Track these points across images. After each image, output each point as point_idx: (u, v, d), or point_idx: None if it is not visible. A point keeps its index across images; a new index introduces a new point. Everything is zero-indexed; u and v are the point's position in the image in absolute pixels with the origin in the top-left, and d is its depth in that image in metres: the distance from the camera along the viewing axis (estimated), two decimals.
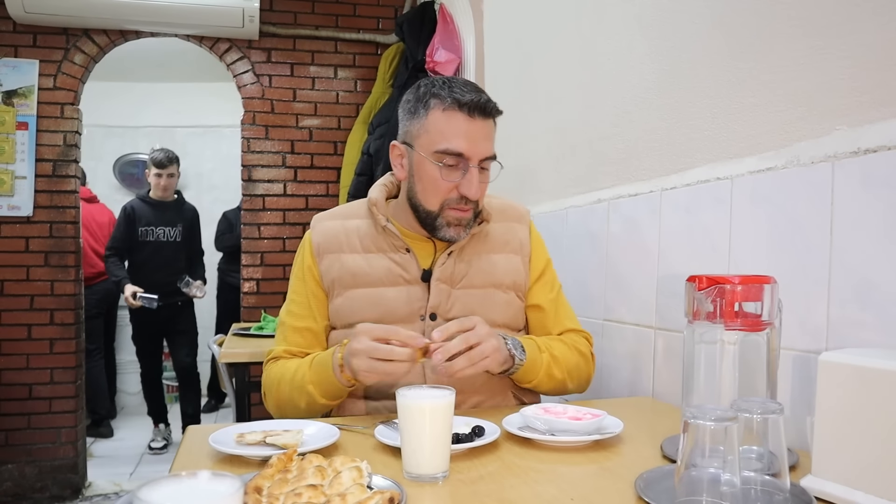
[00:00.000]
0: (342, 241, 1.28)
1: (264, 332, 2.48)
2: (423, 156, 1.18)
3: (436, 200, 1.20)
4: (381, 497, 0.70)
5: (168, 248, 3.92)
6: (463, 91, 1.16)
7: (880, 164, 0.91)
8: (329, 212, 1.36)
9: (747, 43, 1.17)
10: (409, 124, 1.22)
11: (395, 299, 1.23)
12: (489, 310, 1.25)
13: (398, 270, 1.25)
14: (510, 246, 1.32)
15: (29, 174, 3.26)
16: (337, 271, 1.26)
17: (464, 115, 1.15)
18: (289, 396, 1.20)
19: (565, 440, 0.97)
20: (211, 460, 0.91)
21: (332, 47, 3.61)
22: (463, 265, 1.27)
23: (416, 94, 1.21)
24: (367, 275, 1.25)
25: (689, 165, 1.32)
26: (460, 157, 1.16)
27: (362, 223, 1.29)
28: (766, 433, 0.72)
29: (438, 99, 1.16)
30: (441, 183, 1.18)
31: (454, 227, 1.22)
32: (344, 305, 1.25)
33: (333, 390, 1.15)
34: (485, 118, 1.17)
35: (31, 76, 3.25)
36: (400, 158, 1.25)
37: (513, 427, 1.01)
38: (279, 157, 3.55)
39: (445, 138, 1.16)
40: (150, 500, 0.47)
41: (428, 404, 0.82)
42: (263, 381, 1.28)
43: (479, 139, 1.17)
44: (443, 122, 1.16)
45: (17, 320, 3.27)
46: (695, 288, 0.91)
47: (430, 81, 1.20)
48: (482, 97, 1.17)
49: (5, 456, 3.24)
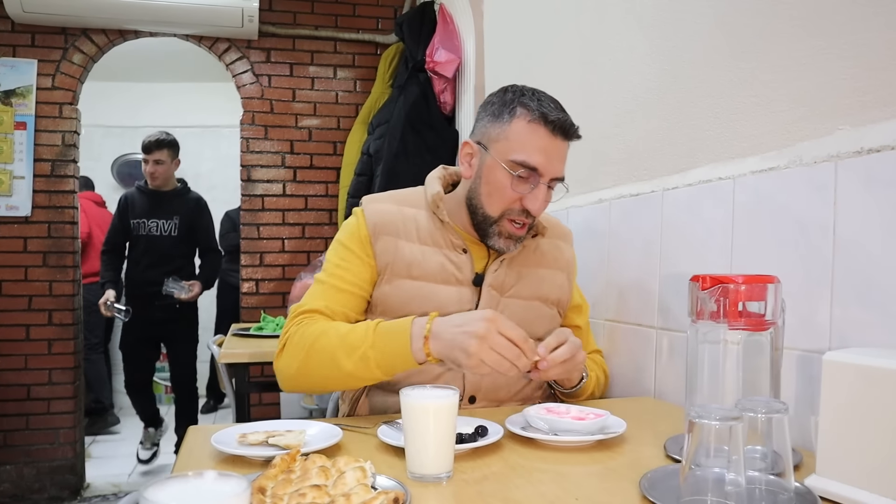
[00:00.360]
0: (399, 227, 1.25)
1: (264, 333, 2.48)
2: (497, 161, 1.17)
3: (498, 208, 1.19)
4: (385, 497, 0.70)
5: (162, 243, 3.46)
6: (551, 107, 1.16)
7: (883, 163, 0.91)
8: (381, 195, 1.33)
9: (749, 42, 1.17)
10: (489, 127, 1.20)
11: (446, 298, 1.22)
12: (533, 322, 1.27)
13: (452, 269, 1.23)
14: (558, 263, 1.35)
15: (27, 174, 3.25)
16: (392, 256, 1.22)
17: (547, 131, 1.15)
18: (330, 357, 1.10)
19: (569, 440, 0.97)
20: (213, 461, 0.91)
21: (331, 47, 3.61)
22: (513, 274, 1.27)
23: (503, 99, 1.19)
24: (421, 268, 1.22)
25: (691, 165, 1.32)
26: (533, 172, 1.15)
27: (420, 214, 1.27)
28: (771, 433, 0.72)
29: (526, 109, 1.15)
30: (508, 192, 1.17)
31: (506, 238, 1.21)
32: (392, 294, 1.22)
33: (396, 361, 1.07)
34: (565, 139, 1.18)
35: (29, 76, 3.25)
36: (469, 157, 1.23)
37: (516, 427, 1.01)
38: (278, 157, 3.55)
39: (524, 150, 1.15)
40: (157, 500, 0.46)
41: (432, 404, 0.82)
42: (289, 336, 1.17)
43: (556, 158, 1.17)
44: (525, 134, 1.15)
45: (16, 321, 3.26)
46: (698, 287, 0.91)
47: (520, 89, 1.19)
48: (568, 118, 1.17)
49: (3, 457, 3.23)
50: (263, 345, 2.26)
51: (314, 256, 3.51)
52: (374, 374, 1.10)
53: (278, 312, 3.42)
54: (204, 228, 3.63)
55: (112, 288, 3.44)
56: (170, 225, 3.49)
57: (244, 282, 3.51)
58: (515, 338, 0.99)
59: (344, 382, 1.13)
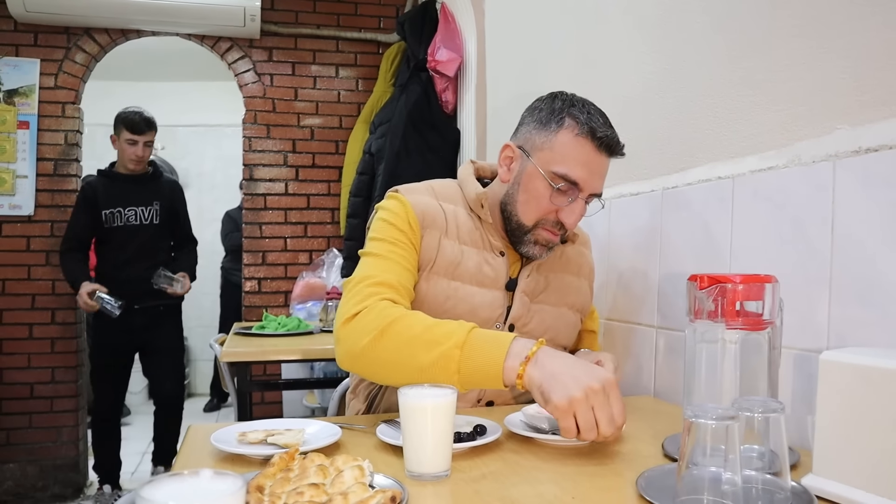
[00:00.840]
0: (442, 223, 1.20)
1: (266, 332, 2.48)
2: (539, 170, 1.14)
3: (533, 216, 1.16)
4: (383, 496, 0.70)
5: (144, 234, 2.98)
6: (600, 122, 1.12)
7: (881, 163, 0.91)
8: (416, 185, 1.26)
9: (748, 42, 1.17)
10: (534, 133, 1.16)
11: (480, 301, 1.19)
12: (560, 329, 1.27)
13: (488, 271, 1.21)
14: (582, 270, 1.34)
15: (30, 173, 3.26)
16: (435, 251, 1.18)
17: (594, 146, 1.11)
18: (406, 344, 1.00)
19: (567, 440, 0.95)
20: (213, 459, 0.91)
21: (333, 46, 3.61)
22: (542, 280, 1.26)
23: (552, 106, 1.15)
24: (460, 267, 1.19)
25: (691, 165, 1.32)
26: (574, 186, 1.12)
27: (459, 211, 1.23)
28: (768, 432, 0.72)
29: (575, 121, 1.12)
30: (546, 203, 1.14)
31: (540, 246, 1.19)
32: (428, 291, 1.17)
33: (480, 372, 0.96)
34: (609, 156, 1.15)
35: (32, 75, 3.26)
36: (509, 161, 1.20)
37: (515, 427, 1.01)
38: (280, 156, 3.56)
39: (567, 163, 1.12)
40: (153, 499, 0.47)
41: (430, 403, 0.83)
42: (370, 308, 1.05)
43: (597, 174, 1.14)
44: (571, 146, 1.12)
45: (19, 319, 3.27)
46: (696, 287, 0.91)
47: (569, 98, 1.16)
48: (615, 136, 1.14)
49: (7, 455, 3.24)
50: (265, 344, 2.27)
51: (316, 255, 3.52)
52: (450, 377, 0.97)
53: (280, 311, 3.43)
54: (184, 214, 3.20)
55: (86, 279, 2.88)
56: (150, 212, 3.00)
57: (246, 281, 3.52)
58: (619, 412, 0.90)
59: (411, 376, 0.98)
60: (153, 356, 3.08)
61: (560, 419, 0.89)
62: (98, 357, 3.04)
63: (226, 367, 2.33)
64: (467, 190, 1.25)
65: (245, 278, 3.53)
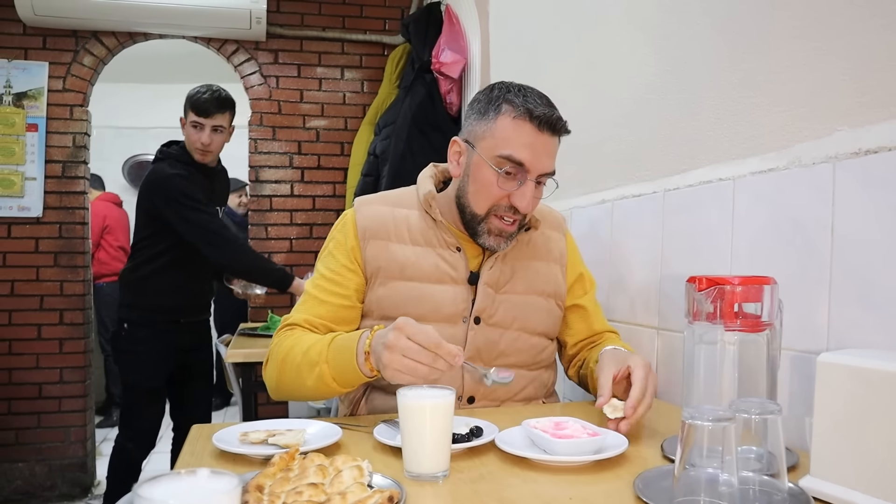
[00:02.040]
0: (390, 229, 1.24)
1: (271, 332, 2.49)
2: (483, 158, 1.16)
3: (485, 205, 1.18)
4: (380, 496, 0.71)
5: None
6: (537, 103, 1.14)
7: (881, 164, 0.91)
8: (373, 196, 1.32)
9: (749, 44, 1.17)
10: (475, 124, 1.19)
11: (441, 297, 1.21)
12: (530, 317, 1.27)
13: (446, 268, 1.23)
14: (552, 255, 1.33)
15: (39, 175, 3.29)
16: (384, 260, 1.22)
17: (533, 126, 1.13)
18: (296, 371, 1.13)
19: (562, 459, 0.89)
20: (214, 459, 0.92)
21: (338, 48, 3.63)
22: (507, 270, 1.26)
23: (489, 96, 1.18)
24: (415, 268, 1.22)
25: (692, 166, 1.32)
26: (520, 168, 1.14)
27: (412, 214, 1.27)
28: (765, 433, 0.72)
29: (511, 105, 1.14)
30: (495, 189, 1.16)
31: (496, 236, 1.20)
32: (387, 297, 1.22)
33: (349, 376, 1.07)
34: (552, 134, 1.15)
35: (40, 78, 3.29)
36: (458, 156, 1.23)
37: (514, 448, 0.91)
38: (286, 157, 3.57)
39: (510, 145, 1.13)
40: (150, 497, 0.48)
41: (428, 404, 0.83)
42: (271, 349, 1.20)
43: (543, 154, 1.15)
44: (510, 129, 1.13)
45: (28, 320, 3.30)
46: (695, 289, 0.91)
47: (506, 86, 1.18)
48: (555, 113, 1.15)
49: (16, 454, 3.27)
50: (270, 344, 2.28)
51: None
52: (332, 388, 1.10)
53: (285, 312, 3.44)
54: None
55: None
56: (222, 213, 2.65)
57: None
58: (424, 341, 0.94)
59: (312, 396, 1.15)
60: (192, 380, 2.60)
61: (401, 381, 0.95)
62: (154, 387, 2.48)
63: (231, 368, 2.34)
64: (420, 192, 1.28)
65: None
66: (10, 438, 3.27)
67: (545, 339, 1.31)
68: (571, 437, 0.92)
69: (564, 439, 0.90)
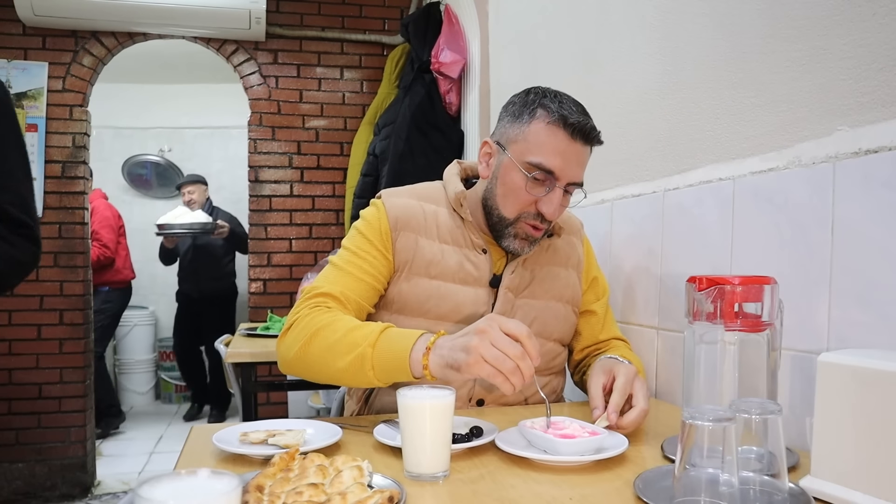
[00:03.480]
0: (420, 223, 1.23)
1: (270, 333, 2.50)
2: (514, 162, 1.15)
3: (513, 209, 1.17)
4: (380, 496, 0.71)
5: None
6: (572, 110, 1.13)
7: (881, 164, 0.91)
8: (400, 189, 1.30)
9: (749, 43, 1.17)
10: (508, 127, 1.18)
11: (462, 298, 1.20)
12: (547, 322, 1.27)
13: (470, 269, 1.22)
14: (571, 261, 1.33)
15: (38, 175, 3.28)
16: (411, 253, 1.21)
17: (566, 134, 1.12)
18: (328, 348, 1.07)
19: (562, 459, 0.89)
20: (214, 459, 0.92)
21: (338, 48, 3.63)
22: (527, 275, 1.26)
23: (524, 100, 1.17)
24: (440, 266, 1.20)
25: (692, 166, 1.32)
26: (550, 175, 1.13)
27: (440, 211, 1.26)
28: (766, 433, 0.72)
29: (546, 111, 1.13)
30: (523, 194, 1.15)
31: (521, 240, 1.19)
32: (409, 292, 1.20)
33: (391, 365, 1.02)
34: (585, 143, 1.15)
35: (40, 78, 3.29)
36: (488, 157, 1.22)
37: (514, 448, 0.92)
38: (286, 157, 3.57)
39: (541, 152, 1.13)
40: (150, 498, 0.47)
41: (428, 404, 0.83)
42: (298, 318, 1.13)
43: (574, 162, 1.14)
44: (544, 135, 1.13)
45: (27, 320, 3.30)
46: (695, 288, 0.91)
47: (542, 91, 1.17)
48: (589, 122, 1.14)
49: (16, 455, 3.27)
50: (270, 344, 2.28)
51: (321, 256, 3.53)
52: (364, 375, 1.05)
53: (285, 312, 3.44)
54: None
55: None
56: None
57: (252, 282, 3.54)
58: (517, 333, 0.93)
59: (334, 377, 1.09)
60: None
61: (479, 373, 0.93)
62: None
63: (231, 368, 2.34)
64: (449, 189, 1.27)
65: (250, 279, 3.55)
66: (10, 438, 3.27)
67: (559, 345, 1.31)
68: (571, 437, 0.92)
69: (565, 439, 0.91)
